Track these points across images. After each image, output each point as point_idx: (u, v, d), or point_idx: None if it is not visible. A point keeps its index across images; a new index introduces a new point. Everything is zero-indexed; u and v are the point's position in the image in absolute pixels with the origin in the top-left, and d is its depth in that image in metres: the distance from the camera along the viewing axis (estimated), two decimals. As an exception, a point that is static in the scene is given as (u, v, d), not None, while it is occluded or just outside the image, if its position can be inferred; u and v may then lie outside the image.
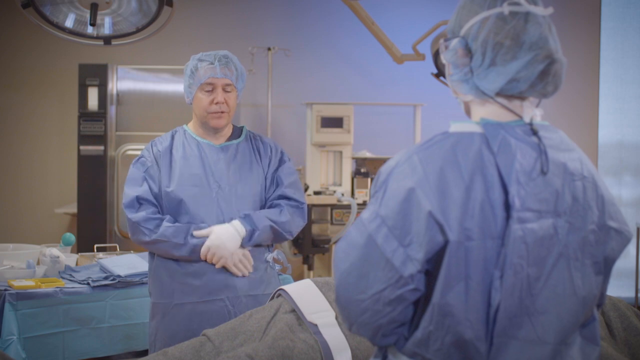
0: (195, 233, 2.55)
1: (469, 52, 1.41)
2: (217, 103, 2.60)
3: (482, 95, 1.43)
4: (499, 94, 1.41)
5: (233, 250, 2.55)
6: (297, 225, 2.69)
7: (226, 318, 2.56)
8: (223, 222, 2.59)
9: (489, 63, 1.39)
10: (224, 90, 2.61)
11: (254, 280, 2.63)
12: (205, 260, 2.57)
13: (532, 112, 1.42)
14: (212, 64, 2.60)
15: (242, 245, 2.58)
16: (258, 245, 2.64)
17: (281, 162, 2.72)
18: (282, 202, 2.66)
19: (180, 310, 2.59)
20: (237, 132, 2.74)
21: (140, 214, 2.56)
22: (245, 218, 2.58)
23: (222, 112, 2.62)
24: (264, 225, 2.58)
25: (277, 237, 2.65)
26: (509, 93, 1.41)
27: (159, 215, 2.58)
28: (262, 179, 2.67)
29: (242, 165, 2.66)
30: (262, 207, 2.67)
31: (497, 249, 1.32)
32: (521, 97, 1.42)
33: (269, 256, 2.69)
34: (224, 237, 2.53)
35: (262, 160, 2.69)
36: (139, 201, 2.58)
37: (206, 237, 2.55)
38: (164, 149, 2.64)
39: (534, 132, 1.39)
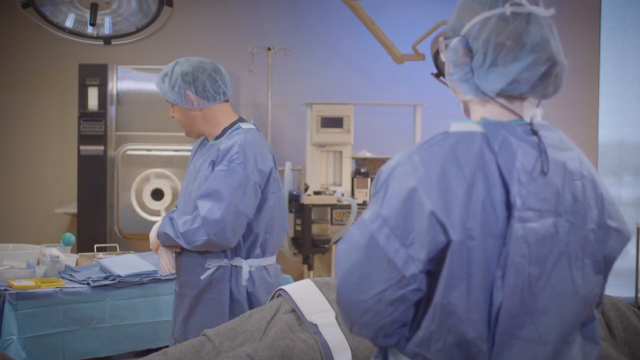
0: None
1: (469, 51, 1.41)
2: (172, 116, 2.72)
3: (483, 96, 1.42)
4: (499, 94, 1.41)
5: (152, 240, 2.67)
6: (199, 237, 2.53)
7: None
8: None
9: (490, 63, 1.39)
10: (172, 105, 2.70)
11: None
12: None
13: (533, 112, 1.42)
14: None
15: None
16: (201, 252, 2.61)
17: (214, 165, 2.60)
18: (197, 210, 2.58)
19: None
20: (225, 131, 2.71)
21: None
22: (165, 217, 2.64)
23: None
24: (161, 233, 2.61)
25: (177, 246, 2.63)
26: (510, 93, 1.40)
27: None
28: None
29: (202, 166, 2.66)
30: None
31: (499, 248, 1.32)
32: (521, 97, 1.42)
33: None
34: (155, 225, 2.69)
35: (215, 162, 2.61)
36: None
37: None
38: None
39: (534, 132, 1.39)
